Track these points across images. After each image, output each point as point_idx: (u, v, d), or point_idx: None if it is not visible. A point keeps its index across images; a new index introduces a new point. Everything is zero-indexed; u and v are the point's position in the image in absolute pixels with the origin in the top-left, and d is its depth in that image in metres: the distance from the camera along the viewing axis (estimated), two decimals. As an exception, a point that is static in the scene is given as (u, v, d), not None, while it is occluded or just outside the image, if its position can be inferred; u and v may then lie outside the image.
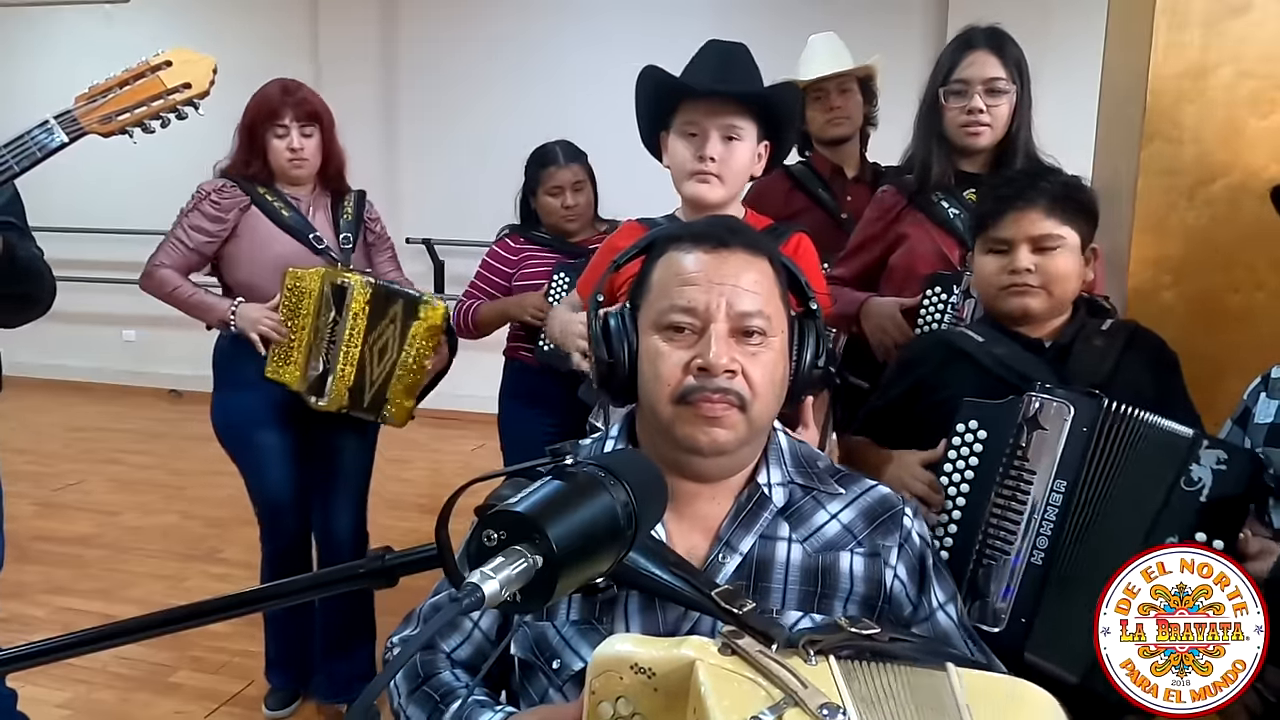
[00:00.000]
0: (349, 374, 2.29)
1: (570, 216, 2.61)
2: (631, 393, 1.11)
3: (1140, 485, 1.29)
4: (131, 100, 1.59)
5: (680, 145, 1.66)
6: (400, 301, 2.30)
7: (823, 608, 1.05)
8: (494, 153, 5.34)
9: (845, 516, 1.10)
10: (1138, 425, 1.31)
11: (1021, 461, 1.34)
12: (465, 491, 0.69)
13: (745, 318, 1.04)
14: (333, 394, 2.30)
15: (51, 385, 6.08)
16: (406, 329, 2.29)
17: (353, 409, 2.33)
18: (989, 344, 1.49)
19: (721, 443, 1.04)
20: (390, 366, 2.31)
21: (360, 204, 2.47)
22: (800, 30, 2.65)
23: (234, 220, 2.31)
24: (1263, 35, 1.94)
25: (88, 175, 5.42)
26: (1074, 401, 1.32)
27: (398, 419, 2.37)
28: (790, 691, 0.76)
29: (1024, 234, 1.46)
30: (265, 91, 2.32)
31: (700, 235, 1.09)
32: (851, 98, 2.52)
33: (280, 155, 2.30)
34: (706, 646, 0.81)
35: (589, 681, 0.82)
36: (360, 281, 2.27)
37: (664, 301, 1.07)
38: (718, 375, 1.02)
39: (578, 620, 1.05)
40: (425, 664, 1.11)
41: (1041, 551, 1.30)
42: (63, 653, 0.70)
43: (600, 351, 1.11)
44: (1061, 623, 1.27)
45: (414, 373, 2.33)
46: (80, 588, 3.29)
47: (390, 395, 2.33)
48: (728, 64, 1.66)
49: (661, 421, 1.06)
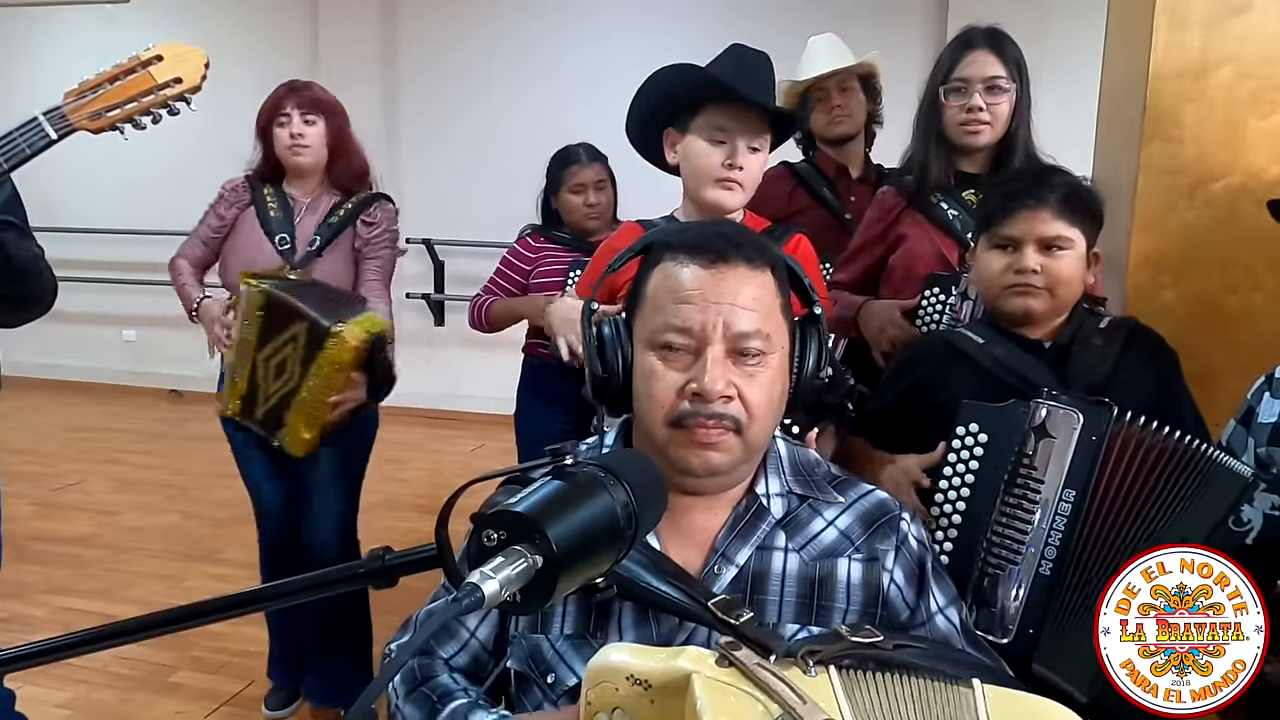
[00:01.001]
0: (240, 383, 2.22)
1: (593, 214, 2.63)
2: (626, 404, 1.09)
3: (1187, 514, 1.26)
4: (121, 96, 1.55)
5: (705, 148, 1.64)
6: (304, 325, 2.12)
7: (820, 618, 1.03)
8: (494, 153, 5.36)
9: (842, 522, 1.08)
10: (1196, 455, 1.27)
11: (1029, 470, 1.32)
12: (465, 492, 0.69)
13: (743, 338, 1.01)
14: (227, 398, 2.26)
15: (51, 385, 6.08)
16: (311, 357, 2.12)
17: (244, 418, 2.24)
18: (989, 345, 1.48)
19: (715, 465, 1.02)
20: (287, 389, 2.16)
21: (361, 206, 2.37)
22: (801, 30, 2.65)
23: (232, 218, 2.34)
24: (1263, 35, 1.94)
25: (89, 175, 5.43)
26: (1082, 410, 1.31)
27: (294, 448, 2.20)
28: (788, 706, 0.75)
29: (1033, 234, 1.45)
30: (275, 91, 2.34)
31: (697, 248, 1.04)
32: (853, 96, 2.52)
33: (282, 143, 2.29)
34: (703, 658, 0.80)
35: (584, 692, 0.81)
36: (258, 286, 2.15)
37: (658, 318, 1.04)
38: (713, 401, 0.99)
39: (572, 634, 1.03)
40: (423, 667, 1.11)
41: (1050, 561, 1.28)
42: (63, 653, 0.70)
43: (594, 364, 1.08)
44: (1070, 634, 1.25)
45: (314, 406, 2.15)
46: (80, 588, 3.29)
47: (288, 420, 2.19)
48: (754, 70, 1.64)
49: (655, 441, 1.04)
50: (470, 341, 2.65)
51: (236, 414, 2.26)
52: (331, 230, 2.33)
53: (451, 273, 5.47)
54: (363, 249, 2.37)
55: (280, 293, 2.15)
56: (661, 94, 1.68)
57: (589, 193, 2.62)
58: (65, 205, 5.50)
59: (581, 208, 2.63)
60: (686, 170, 1.69)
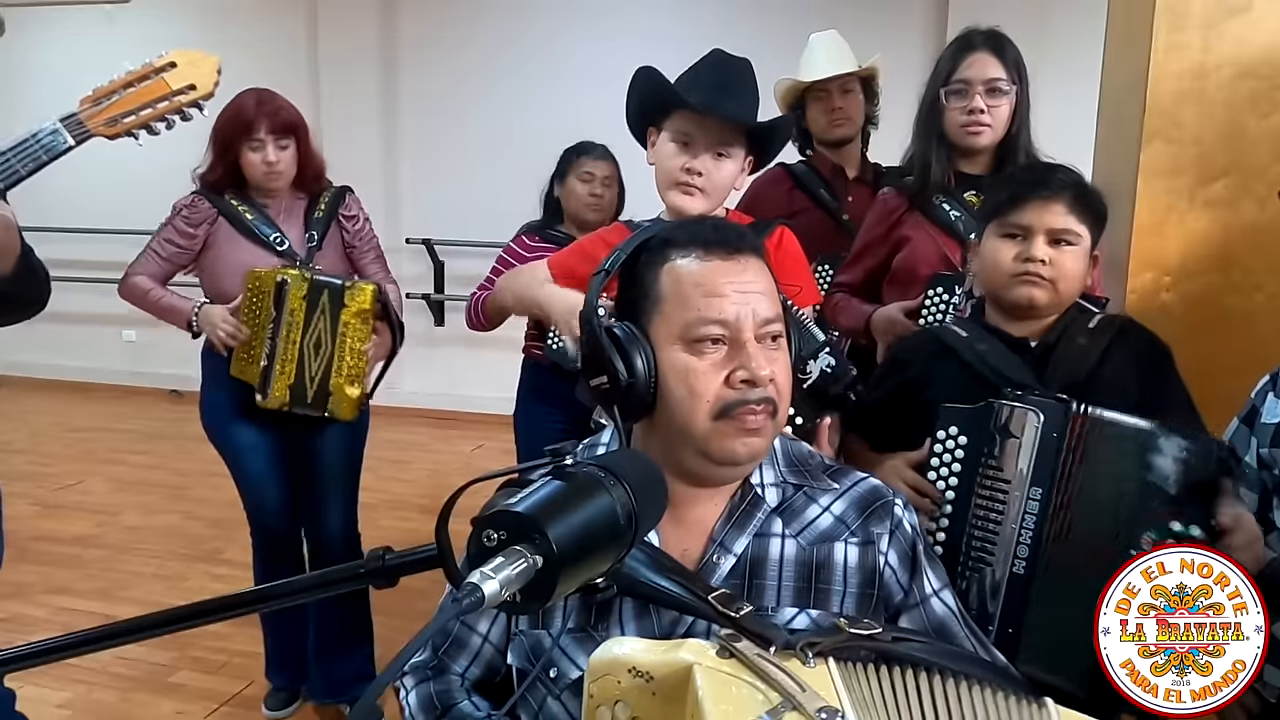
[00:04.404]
0: (289, 372, 2.30)
1: (595, 205, 2.64)
2: (648, 410, 1.06)
3: (1110, 484, 1.29)
4: (137, 102, 1.58)
5: (670, 150, 1.66)
6: (326, 291, 2.28)
7: (819, 601, 1.05)
8: (494, 153, 5.36)
9: (837, 508, 1.10)
10: (1097, 424, 1.30)
11: (996, 471, 1.33)
12: (465, 492, 0.69)
13: (768, 324, 1.05)
14: (274, 392, 2.31)
15: (51, 385, 6.08)
16: (336, 317, 2.28)
17: (295, 406, 2.32)
18: (973, 340, 1.48)
19: (759, 451, 1.05)
20: (327, 359, 2.30)
21: (336, 201, 2.43)
22: (801, 30, 2.64)
23: (204, 234, 2.35)
24: (1263, 35, 1.94)
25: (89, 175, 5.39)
26: (1042, 407, 1.31)
27: (344, 412, 2.33)
28: (788, 695, 0.76)
29: (1044, 224, 1.45)
30: (239, 102, 2.28)
31: (711, 242, 1.07)
32: (854, 98, 2.52)
33: (256, 169, 2.29)
34: (704, 650, 0.81)
35: (587, 685, 0.82)
36: (297, 277, 2.27)
37: (688, 314, 1.04)
38: (763, 386, 1.02)
39: (574, 628, 1.05)
40: (441, 695, 1.11)
41: (1023, 561, 1.29)
42: (63, 653, 0.70)
43: (617, 369, 1.04)
44: (1050, 631, 1.26)
45: (353, 361, 2.31)
46: (80, 588, 3.29)
47: (333, 388, 2.31)
48: (729, 79, 1.65)
49: (695, 437, 1.03)
50: (470, 341, 2.66)
51: (285, 405, 2.31)
52: (321, 225, 2.39)
53: (451, 273, 5.47)
54: (353, 242, 2.47)
55: (317, 276, 2.29)
56: (636, 100, 1.71)
57: (595, 183, 2.64)
58: (66, 205, 5.50)
59: (585, 196, 2.64)
60: (656, 170, 1.71)
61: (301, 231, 2.38)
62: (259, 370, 2.32)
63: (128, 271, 2.39)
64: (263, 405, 2.32)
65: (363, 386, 2.36)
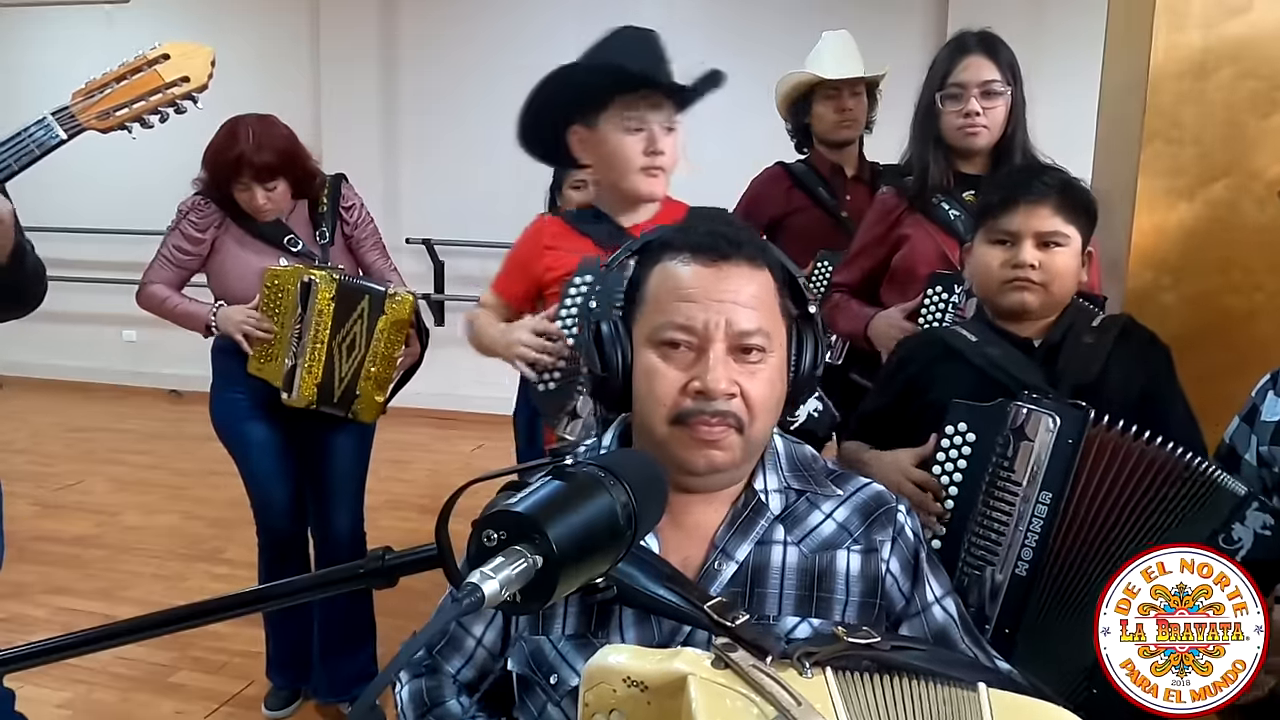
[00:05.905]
0: (316, 371, 2.30)
1: None
2: (626, 403, 1.09)
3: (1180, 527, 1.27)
4: (129, 95, 1.56)
5: (623, 139, 1.66)
6: (366, 297, 2.31)
7: (821, 610, 1.03)
8: (494, 153, 5.32)
9: (840, 515, 1.09)
10: (1191, 470, 1.28)
11: (1008, 472, 1.33)
12: (465, 492, 0.69)
13: (744, 336, 1.02)
14: (300, 390, 2.31)
15: (51, 385, 6.08)
16: (374, 324, 2.31)
17: (321, 404, 2.33)
18: (980, 343, 1.48)
19: (719, 464, 1.03)
20: (359, 362, 2.32)
21: (336, 193, 2.43)
22: (801, 30, 2.65)
23: (212, 237, 2.34)
24: (1263, 35, 1.94)
25: (89, 175, 5.42)
26: (1059, 412, 1.31)
27: (367, 415, 2.37)
28: (782, 708, 0.75)
29: (1031, 228, 1.45)
30: (222, 141, 2.22)
31: (700, 246, 1.05)
32: (861, 101, 2.55)
33: (247, 205, 2.28)
34: (699, 660, 0.80)
35: (582, 694, 0.81)
36: (325, 277, 2.28)
37: (660, 316, 1.04)
38: (717, 399, 1.00)
39: (573, 634, 1.04)
40: (432, 691, 1.11)
41: (1026, 563, 1.29)
42: (63, 653, 0.70)
43: (594, 363, 1.08)
44: (1049, 635, 1.26)
45: (383, 367, 2.34)
46: (80, 588, 3.29)
47: (360, 390, 2.34)
48: (652, 51, 1.66)
49: (656, 440, 1.04)
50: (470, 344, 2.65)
51: (311, 403, 2.32)
52: (329, 220, 2.41)
53: (451, 273, 5.46)
54: (354, 234, 2.48)
55: (346, 278, 2.32)
56: (570, 94, 1.71)
57: (588, 189, 2.63)
58: (65, 205, 5.50)
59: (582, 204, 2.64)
60: (604, 164, 1.72)
61: (310, 230, 2.40)
62: (280, 367, 2.31)
63: (144, 279, 2.41)
64: (288, 403, 2.32)
65: (387, 393, 2.40)
